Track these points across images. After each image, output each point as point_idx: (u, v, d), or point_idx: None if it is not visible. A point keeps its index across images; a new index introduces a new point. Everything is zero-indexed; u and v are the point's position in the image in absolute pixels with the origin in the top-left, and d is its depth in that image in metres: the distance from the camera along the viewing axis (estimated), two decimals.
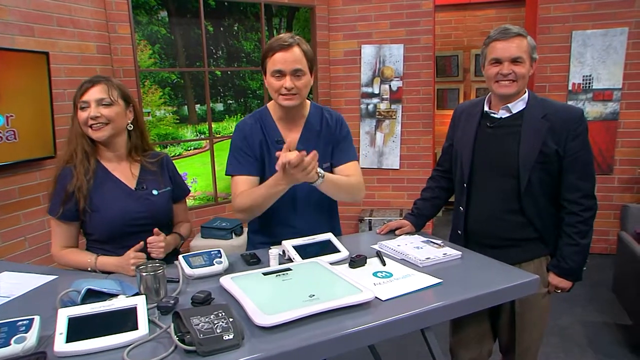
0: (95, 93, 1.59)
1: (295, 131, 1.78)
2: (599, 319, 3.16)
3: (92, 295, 1.31)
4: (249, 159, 1.74)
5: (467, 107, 1.87)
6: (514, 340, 1.80)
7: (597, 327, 3.05)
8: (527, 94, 1.70)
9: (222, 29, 4.46)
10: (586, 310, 3.25)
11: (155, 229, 1.60)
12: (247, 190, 1.70)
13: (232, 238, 3.86)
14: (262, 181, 1.71)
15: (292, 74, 1.63)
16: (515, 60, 1.62)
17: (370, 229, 4.60)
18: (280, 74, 1.63)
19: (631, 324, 2.99)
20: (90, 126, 1.60)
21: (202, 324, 1.10)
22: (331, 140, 1.81)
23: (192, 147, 4.47)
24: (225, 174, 1.78)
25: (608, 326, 3.06)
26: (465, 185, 1.78)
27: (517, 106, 1.70)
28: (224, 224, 3.91)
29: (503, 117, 1.72)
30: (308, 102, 1.81)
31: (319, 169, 1.60)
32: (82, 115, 1.59)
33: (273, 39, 1.66)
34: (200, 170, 4.48)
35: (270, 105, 1.81)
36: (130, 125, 1.69)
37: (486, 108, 1.76)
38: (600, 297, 3.40)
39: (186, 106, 4.38)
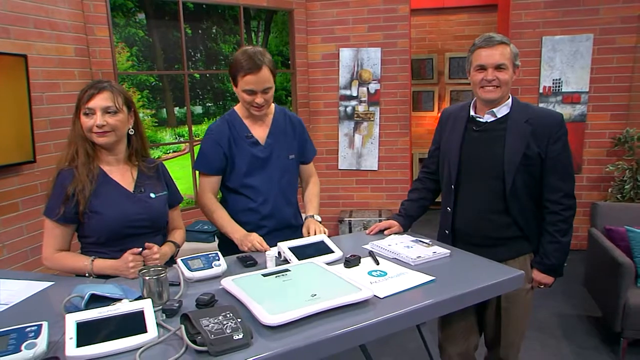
0: (101, 101, 1.59)
1: (262, 127, 2.01)
2: (572, 312, 3.31)
3: (95, 300, 1.31)
4: (214, 158, 1.95)
5: (453, 111, 1.94)
6: (500, 335, 1.88)
7: (570, 319, 3.20)
8: (510, 99, 1.79)
9: (200, 31, 4.44)
10: (560, 304, 3.40)
11: (148, 243, 1.63)
12: (217, 205, 2.00)
13: (214, 241, 3.85)
14: (227, 172, 1.98)
15: (262, 91, 1.85)
16: (498, 67, 1.70)
17: (350, 230, 4.67)
18: (252, 92, 1.84)
19: (601, 316, 3.15)
20: (95, 133, 1.61)
21: (212, 324, 1.13)
22: (296, 138, 2.09)
23: (171, 150, 4.43)
24: (193, 167, 1.98)
25: (581, 318, 3.22)
26: (452, 186, 1.86)
27: (502, 111, 1.78)
28: (205, 227, 3.90)
29: (488, 121, 1.80)
30: (272, 104, 2.03)
31: (312, 218, 2.02)
32: (87, 122, 1.59)
33: (242, 55, 1.82)
34: (179, 174, 4.45)
35: (237, 107, 2.03)
36: (131, 130, 1.71)
37: (472, 112, 1.84)
38: (572, 291, 3.56)
39: (165, 109, 4.34)
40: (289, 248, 1.70)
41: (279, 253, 1.70)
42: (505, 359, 1.92)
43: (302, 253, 1.69)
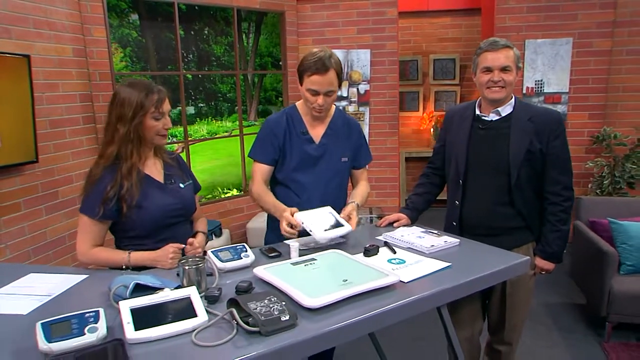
0: (168, 105, 1.70)
1: (319, 127, 2.05)
2: (559, 300, 3.50)
3: (136, 290, 1.38)
4: (269, 148, 2.01)
5: (458, 111, 2.07)
6: (504, 319, 2.01)
7: (558, 307, 3.39)
8: (513, 98, 1.93)
9: (192, 32, 4.48)
10: (548, 294, 3.58)
11: (189, 239, 1.73)
12: (264, 190, 2.01)
13: (212, 239, 3.90)
14: (278, 164, 2.03)
15: (325, 93, 1.88)
16: (504, 69, 1.84)
17: None
18: (315, 93, 1.88)
19: (586, 303, 3.34)
20: (162, 135, 1.71)
21: (260, 307, 1.22)
22: (351, 141, 2.11)
23: None
24: (248, 155, 2.09)
25: (567, 306, 3.41)
26: (460, 181, 1.98)
27: (506, 110, 1.92)
28: None
29: (493, 119, 1.93)
30: (333, 105, 2.07)
31: (354, 203, 1.99)
32: (157, 124, 1.68)
33: (312, 56, 1.86)
34: None
35: (299, 103, 2.07)
36: None
37: (477, 112, 1.97)
38: (558, 281, 3.75)
39: None
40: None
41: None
42: (508, 341, 2.05)
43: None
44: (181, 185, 1.82)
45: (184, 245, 1.69)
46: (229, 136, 4.83)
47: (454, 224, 2.02)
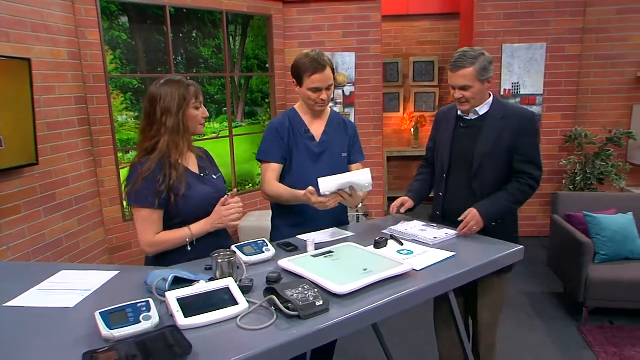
0: (201, 95, 1.83)
1: (318, 126, 2.21)
2: (538, 289, 3.74)
3: (174, 282, 1.48)
4: (276, 148, 2.14)
5: (445, 112, 2.28)
6: (478, 309, 2.18)
7: (537, 296, 3.62)
8: (491, 98, 2.11)
9: (181, 35, 4.54)
10: (527, 284, 3.82)
11: (233, 191, 1.84)
12: (277, 184, 2.11)
13: None
14: (285, 163, 2.15)
15: (327, 88, 2.06)
16: (462, 88, 2.01)
17: None
18: (317, 90, 2.04)
19: (563, 291, 3.59)
20: (203, 124, 1.84)
21: (296, 294, 1.34)
22: (348, 138, 2.27)
23: None
24: (256, 159, 2.21)
25: (546, 295, 3.65)
26: (444, 175, 2.18)
27: (483, 109, 2.11)
28: None
29: (472, 118, 2.12)
30: (328, 108, 2.26)
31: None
32: (198, 114, 1.81)
33: (306, 58, 2.02)
34: None
35: (297, 106, 2.24)
36: None
37: (459, 112, 2.15)
38: (536, 272, 4.00)
39: None
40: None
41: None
42: (481, 331, 2.21)
43: None
44: (214, 177, 1.95)
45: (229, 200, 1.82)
46: (217, 137, 4.90)
47: (438, 213, 2.22)
